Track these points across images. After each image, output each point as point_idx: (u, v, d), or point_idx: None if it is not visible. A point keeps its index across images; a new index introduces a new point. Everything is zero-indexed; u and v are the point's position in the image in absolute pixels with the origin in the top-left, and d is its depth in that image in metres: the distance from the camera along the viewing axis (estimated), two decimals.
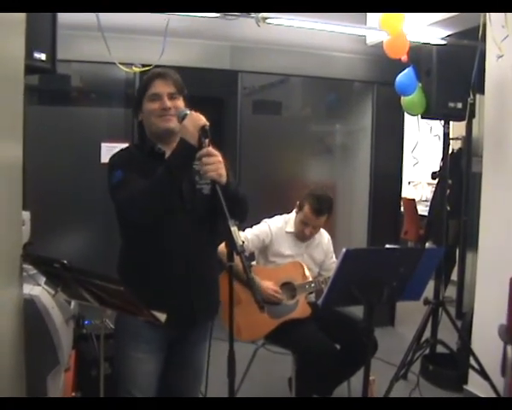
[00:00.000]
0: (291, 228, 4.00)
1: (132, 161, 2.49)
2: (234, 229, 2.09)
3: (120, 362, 2.61)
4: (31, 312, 2.73)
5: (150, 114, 2.51)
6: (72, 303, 3.39)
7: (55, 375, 2.89)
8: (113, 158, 2.54)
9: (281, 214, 4.08)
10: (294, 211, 4.03)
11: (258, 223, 3.99)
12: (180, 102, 2.52)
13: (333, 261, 4.11)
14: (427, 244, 7.32)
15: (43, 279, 2.89)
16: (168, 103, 2.48)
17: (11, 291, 2.54)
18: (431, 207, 7.47)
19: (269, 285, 3.78)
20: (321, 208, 3.89)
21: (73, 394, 3.36)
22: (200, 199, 2.49)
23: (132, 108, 2.66)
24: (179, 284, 2.49)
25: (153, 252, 2.47)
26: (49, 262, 2.50)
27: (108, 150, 2.53)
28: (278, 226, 3.98)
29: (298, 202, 4.00)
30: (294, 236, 4.00)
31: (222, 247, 3.27)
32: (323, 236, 4.16)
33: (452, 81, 4.24)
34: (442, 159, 4.66)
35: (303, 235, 3.96)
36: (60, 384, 2.99)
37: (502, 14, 3.78)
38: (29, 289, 2.80)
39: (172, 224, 2.43)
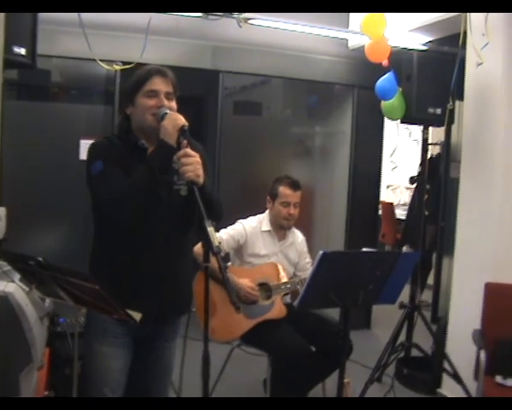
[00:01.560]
0: (266, 227, 4.02)
1: (113, 152, 2.44)
2: (210, 229, 2.09)
3: (89, 358, 2.58)
4: (4, 309, 2.71)
5: (145, 111, 2.44)
6: (47, 301, 3.36)
7: (27, 373, 2.86)
8: (93, 147, 2.48)
9: (255, 215, 4.09)
10: (268, 206, 4.06)
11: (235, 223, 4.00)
12: (174, 104, 2.48)
13: (307, 262, 4.14)
14: (404, 248, 7.36)
15: (17, 276, 2.86)
16: (165, 102, 2.44)
17: None
18: (409, 211, 7.52)
19: (246, 283, 3.78)
20: (294, 182, 4.02)
21: (46, 392, 3.33)
22: (176, 200, 2.46)
23: (122, 99, 2.58)
24: (150, 281, 2.46)
25: (125, 247, 2.45)
26: (24, 259, 2.47)
27: (87, 147, 2.50)
28: (253, 226, 4.00)
29: (268, 197, 4.05)
30: (270, 234, 4.02)
31: (198, 247, 3.25)
32: (297, 235, 4.19)
33: (432, 87, 4.27)
34: (420, 164, 4.69)
35: (288, 217, 3.97)
36: (33, 382, 2.96)
37: (482, 23, 3.82)
38: (3, 286, 2.77)
39: (147, 221, 2.40)
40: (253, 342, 3.88)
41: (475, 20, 3.90)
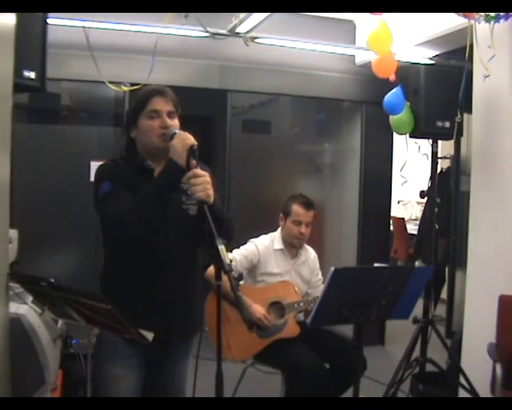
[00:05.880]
0: (278, 245, 4.01)
1: (120, 174, 2.45)
2: (221, 247, 2.08)
3: (99, 379, 2.57)
4: (17, 331, 2.71)
5: (149, 132, 2.45)
6: (60, 322, 3.36)
7: (41, 394, 2.86)
8: (100, 169, 2.49)
9: (267, 233, 4.09)
10: (280, 224, 4.06)
11: (246, 242, 3.99)
12: (177, 122, 2.48)
13: (319, 279, 4.13)
14: (417, 263, 7.33)
15: (29, 298, 2.87)
16: (168, 122, 2.44)
17: None
18: (420, 226, 7.49)
19: (258, 309, 3.76)
20: (308, 202, 4.00)
21: None
22: (184, 219, 2.48)
23: (125, 123, 2.60)
24: (157, 304, 2.45)
25: (133, 268, 2.44)
26: (36, 281, 2.48)
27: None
28: (265, 245, 3.99)
29: (281, 214, 4.05)
30: (282, 253, 4.01)
31: (210, 269, 3.27)
32: (310, 252, 4.17)
33: (440, 100, 4.26)
34: (430, 178, 4.67)
35: (299, 236, 3.96)
36: None
37: (488, 35, 3.81)
38: (15, 308, 2.78)
39: (155, 241, 2.40)
40: (267, 361, 3.87)
41: (481, 32, 3.89)
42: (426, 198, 4.92)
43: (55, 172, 5.08)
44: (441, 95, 4.27)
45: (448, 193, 6.65)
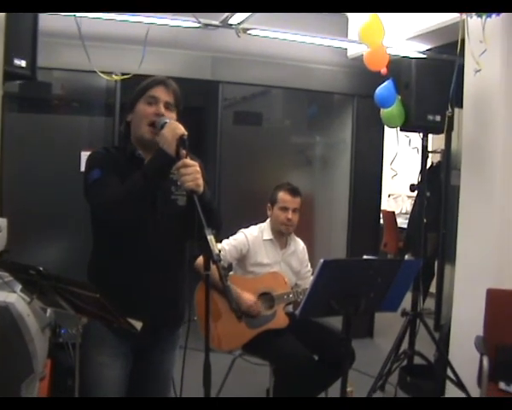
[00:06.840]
0: (268, 236, 4.02)
1: (111, 162, 2.45)
2: (210, 238, 2.08)
3: (86, 368, 2.55)
4: (6, 319, 2.71)
5: (142, 118, 2.45)
6: (48, 311, 3.36)
7: (29, 383, 2.86)
8: (91, 156, 2.49)
9: (256, 224, 4.10)
10: (268, 214, 4.08)
11: (236, 232, 4.00)
12: (173, 115, 2.48)
13: (308, 270, 4.15)
14: (407, 257, 7.36)
15: (18, 286, 2.87)
16: (163, 110, 2.44)
17: None
18: (410, 219, 7.52)
19: (248, 297, 3.77)
20: (294, 188, 4.05)
21: None
22: (173, 210, 2.48)
23: (125, 108, 2.59)
24: (145, 293, 2.45)
25: (120, 259, 2.44)
26: (25, 269, 2.47)
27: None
28: (254, 235, 4.00)
29: (268, 204, 4.08)
30: (272, 243, 4.03)
31: (199, 259, 3.27)
32: (299, 243, 4.19)
33: (431, 94, 4.27)
34: (420, 172, 4.69)
35: (287, 222, 3.98)
36: (34, 393, 2.96)
37: (480, 30, 3.82)
38: (4, 297, 2.78)
39: (143, 232, 2.40)
40: (256, 352, 3.87)
41: (473, 27, 3.91)
42: (416, 192, 4.91)
43: (45, 162, 5.07)
44: (432, 89, 4.28)
45: (438, 187, 6.68)
